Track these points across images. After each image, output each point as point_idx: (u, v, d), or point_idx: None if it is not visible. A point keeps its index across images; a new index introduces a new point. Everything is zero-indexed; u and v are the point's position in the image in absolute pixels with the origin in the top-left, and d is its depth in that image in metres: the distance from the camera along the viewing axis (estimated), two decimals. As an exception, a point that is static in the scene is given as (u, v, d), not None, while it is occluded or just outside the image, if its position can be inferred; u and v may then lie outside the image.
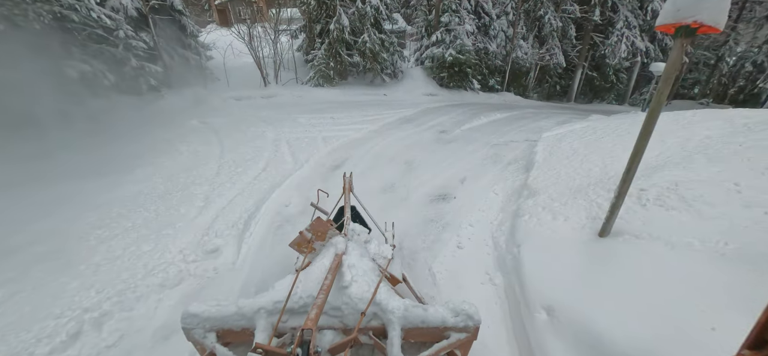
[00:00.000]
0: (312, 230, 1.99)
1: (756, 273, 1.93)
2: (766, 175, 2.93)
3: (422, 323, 1.53)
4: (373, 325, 1.57)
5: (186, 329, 1.53)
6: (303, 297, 1.58)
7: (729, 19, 20.10)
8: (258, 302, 1.56)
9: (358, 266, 1.79)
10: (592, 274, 2.29)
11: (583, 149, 4.77)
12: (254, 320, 1.53)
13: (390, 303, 1.55)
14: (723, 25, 1.69)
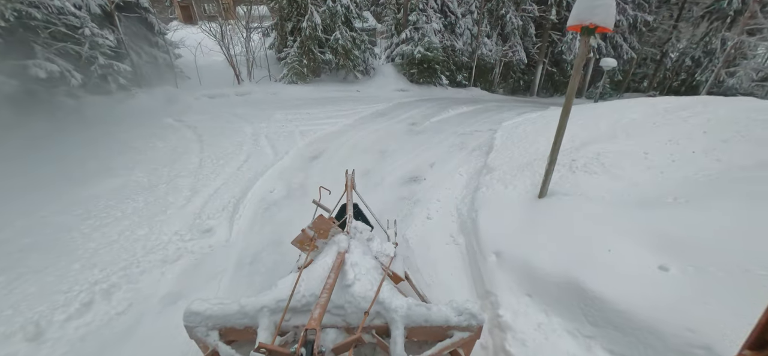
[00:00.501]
0: (314, 227, 1.99)
1: (645, 212, 2.58)
2: (667, 145, 3.69)
3: (425, 322, 1.53)
4: (376, 324, 1.56)
5: (188, 327, 1.53)
6: (306, 296, 1.58)
7: (671, 19, 22.27)
8: (261, 300, 1.56)
9: (361, 264, 1.78)
10: (529, 224, 2.88)
11: (534, 133, 5.46)
12: (257, 318, 1.53)
13: (393, 302, 1.55)
14: (612, 25, 2.29)
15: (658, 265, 2.09)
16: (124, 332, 2.47)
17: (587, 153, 3.73)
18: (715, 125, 4.03)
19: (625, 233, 2.39)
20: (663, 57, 23.26)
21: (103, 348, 2.35)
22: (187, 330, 1.54)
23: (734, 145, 3.47)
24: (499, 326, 2.24)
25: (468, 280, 2.85)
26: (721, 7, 19.94)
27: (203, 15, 27.94)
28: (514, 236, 2.84)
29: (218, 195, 4.39)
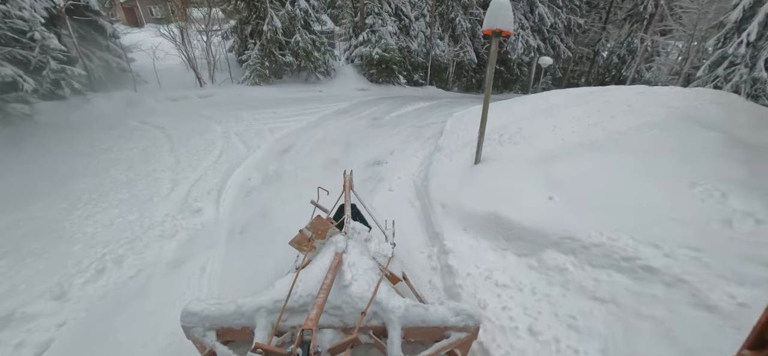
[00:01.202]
0: (312, 228, 2.00)
1: (545, 166, 3.52)
2: (571, 121, 4.77)
3: (423, 322, 1.53)
4: (373, 324, 1.57)
5: (185, 327, 1.54)
6: (303, 296, 1.59)
7: (600, 21, 25.17)
8: (258, 301, 1.57)
9: (359, 264, 1.79)
10: (466, 183, 3.74)
11: (475, 121, 6.43)
12: (254, 318, 1.53)
13: (390, 302, 1.56)
14: (511, 29, 3.18)
15: (547, 197, 3.01)
16: (137, 290, 2.93)
17: (512, 130, 4.72)
18: (608, 106, 5.21)
19: (529, 180, 3.31)
20: (595, 55, 26.23)
21: (121, 304, 2.80)
22: (184, 331, 1.54)
23: (617, 118, 4.60)
24: (444, 251, 3.04)
25: (421, 229, 3.64)
26: (638, 10, 23.01)
27: (150, 17, 26.67)
28: (455, 192, 3.69)
29: (200, 184, 4.81)
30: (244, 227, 3.84)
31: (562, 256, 2.49)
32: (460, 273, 2.74)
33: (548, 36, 23.43)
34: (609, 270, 2.26)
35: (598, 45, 25.76)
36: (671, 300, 1.95)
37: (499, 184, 3.44)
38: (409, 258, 3.12)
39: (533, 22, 21.40)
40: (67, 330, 2.54)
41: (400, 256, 2.50)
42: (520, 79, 23.97)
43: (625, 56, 25.70)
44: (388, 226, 2.98)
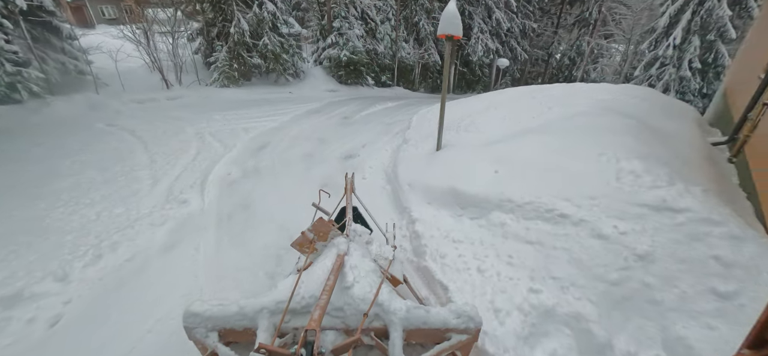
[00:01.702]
0: (314, 230, 2.03)
1: (493, 147, 4.20)
2: (518, 112, 5.54)
3: (424, 324, 1.55)
4: (374, 326, 1.58)
5: (188, 328, 1.54)
6: (305, 297, 1.60)
7: (552, 26, 27.26)
8: (260, 302, 1.59)
9: (361, 266, 1.80)
10: (429, 166, 4.35)
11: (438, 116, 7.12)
12: (256, 320, 1.55)
13: (392, 304, 1.58)
14: (460, 34, 3.81)
15: (494, 171, 3.66)
16: (135, 270, 3.21)
17: (467, 121, 5.42)
18: (548, 100, 6.06)
19: (480, 159, 3.97)
20: (549, 57, 28.36)
21: (122, 283, 3.07)
22: (186, 331, 1.55)
23: (554, 109, 5.43)
24: (411, 220, 3.59)
25: (392, 205, 4.19)
26: (585, 16, 25.26)
27: (101, 18, 25.27)
28: (420, 174, 4.27)
29: (181, 179, 5.04)
30: (231, 214, 4.18)
31: (504, 214, 3.13)
32: (424, 235, 3.31)
33: (506, 39, 25.03)
34: (536, 220, 2.92)
35: (552, 48, 27.92)
36: (577, 235, 2.63)
37: (455, 164, 4.07)
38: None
39: (491, 26, 22.82)
40: (74, 306, 2.79)
41: (399, 256, 2.50)
42: (482, 79, 25.41)
43: (575, 58, 28.05)
44: (389, 229, 3.03)
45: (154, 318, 2.70)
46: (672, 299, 2.17)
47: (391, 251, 2.17)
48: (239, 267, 3.31)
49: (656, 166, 2.99)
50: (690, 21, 17.53)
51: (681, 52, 18.31)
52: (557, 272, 2.48)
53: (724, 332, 1.98)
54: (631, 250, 2.39)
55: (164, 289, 2.98)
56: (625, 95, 5.93)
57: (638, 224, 2.53)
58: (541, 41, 27.88)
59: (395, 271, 2.14)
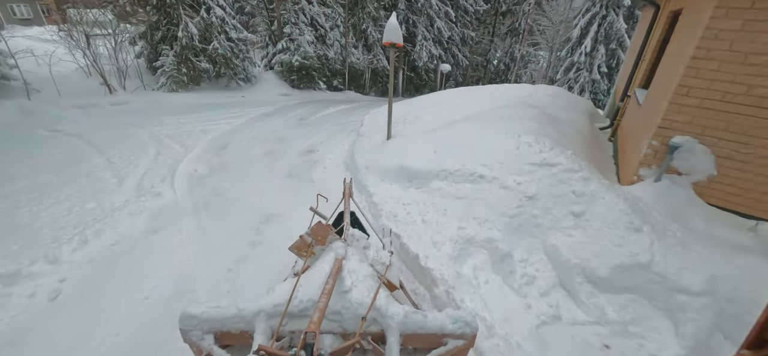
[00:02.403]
0: (313, 234, 2.05)
1: (433, 134, 5.14)
2: (454, 107, 6.60)
3: (421, 329, 1.56)
4: (372, 330, 1.60)
5: (183, 330, 1.53)
6: (303, 301, 1.61)
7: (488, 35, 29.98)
8: (258, 304, 1.59)
9: (358, 271, 1.82)
10: (382, 152, 5.17)
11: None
12: (254, 323, 1.55)
13: (389, 309, 1.59)
14: (401, 42, 4.69)
15: (433, 151, 4.59)
16: (123, 252, 3.55)
17: (413, 116, 6.38)
18: (479, 97, 7.26)
19: (422, 143, 4.88)
20: (488, 63, 31.13)
21: (112, 262, 3.41)
22: (181, 334, 1.54)
23: (482, 104, 6.59)
24: (369, 194, 4.37)
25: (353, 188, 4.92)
26: (515, 26, 28.25)
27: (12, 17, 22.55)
28: (374, 158, 5.08)
29: (148, 177, 5.25)
30: (206, 202, 4.59)
31: (440, 181, 4.05)
32: (380, 203, 4.10)
33: (448, 46, 27.06)
34: (463, 182, 3.87)
35: (489, 54, 30.72)
36: (490, 188, 3.62)
37: (403, 149, 4.94)
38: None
39: (434, 34, 24.61)
40: (70, 283, 3.10)
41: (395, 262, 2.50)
42: (429, 83, 27.15)
43: (509, 64, 31.17)
44: (386, 235, 3.08)
45: (149, 287, 3.12)
46: (548, 221, 3.21)
47: (387, 257, 2.19)
48: (222, 239, 3.80)
49: (544, 139, 4.12)
50: (597, 32, 20.71)
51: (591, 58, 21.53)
52: (476, 214, 3.43)
53: (578, 237, 3.04)
54: (524, 194, 3.41)
55: (155, 263, 3.39)
56: (538, 93, 7.34)
57: (529, 176, 3.58)
58: (480, 48, 30.55)
59: (392, 277, 2.15)
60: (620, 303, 2.63)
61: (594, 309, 2.63)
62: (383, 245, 2.77)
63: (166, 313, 2.84)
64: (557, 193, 3.35)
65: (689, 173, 3.31)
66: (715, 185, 3.27)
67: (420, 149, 4.78)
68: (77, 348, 2.50)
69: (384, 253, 2.23)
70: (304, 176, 5.58)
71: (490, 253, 3.10)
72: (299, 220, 4.20)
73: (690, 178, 3.34)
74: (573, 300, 2.74)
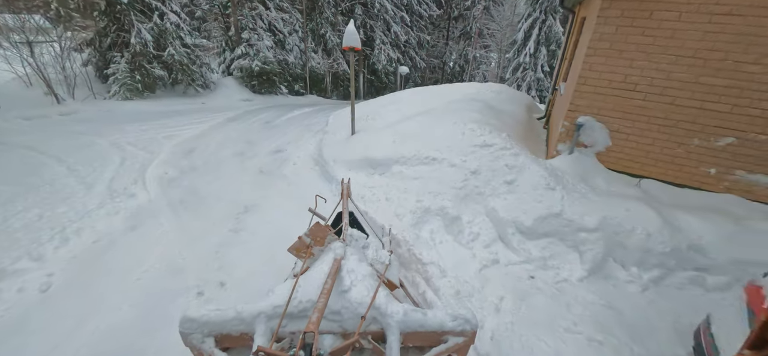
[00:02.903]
0: (311, 235, 2.06)
1: (393, 127, 5.76)
2: (409, 105, 7.29)
3: (421, 327, 1.57)
4: (372, 330, 1.60)
5: (183, 334, 1.54)
6: (302, 301, 1.62)
7: (443, 38, 31.51)
8: (258, 306, 1.60)
9: (357, 271, 1.83)
10: (347, 145, 5.71)
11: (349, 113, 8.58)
12: (253, 325, 1.56)
13: (389, 308, 1.60)
14: (359, 46, 5.26)
15: (392, 141, 5.20)
16: (106, 246, 3.74)
17: (374, 114, 6.98)
18: (432, 95, 8.03)
19: (383, 136, 5.48)
20: (444, 65, 32.70)
21: (98, 256, 3.60)
22: (182, 337, 1.55)
23: (434, 100, 7.34)
24: (338, 183, 4.86)
25: (321, 178, 5.40)
26: (467, 30, 30.03)
27: None
28: (340, 152, 5.60)
29: (118, 180, 5.31)
30: (182, 200, 4.81)
31: (400, 166, 4.66)
32: (349, 189, 4.61)
33: (405, 50, 28.11)
34: (419, 165, 4.52)
35: (445, 56, 32.32)
36: (441, 168, 4.29)
37: (366, 141, 5.50)
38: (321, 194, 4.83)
39: (391, 38, 25.52)
40: (59, 276, 3.26)
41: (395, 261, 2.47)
42: (389, 86, 28.01)
43: (463, 65, 32.97)
44: (385, 234, 3.10)
45: (141, 269, 3.38)
46: (488, 190, 3.94)
47: (387, 256, 2.19)
48: (204, 228, 4.11)
49: (484, 126, 4.90)
50: (538, 35, 22.71)
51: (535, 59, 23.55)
52: (431, 189, 4.08)
53: (510, 200, 3.78)
54: (468, 169, 4.12)
55: (141, 252, 3.63)
56: (484, 90, 8.27)
57: (472, 156, 4.30)
58: (436, 51, 32.04)
59: (391, 276, 2.16)
60: (541, 245, 3.39)
61: (523, 251, 3.37)
62: (382, 245, 2.79)
63: (161, 287, 3.17)
64: (494, 167, 4.10)
65: (592, 146, 4.22)
66: (611, 153, 4.19)
67: (381, 141, 5.38)
68: (81, 326, 2.74)
69: (383, 252, 2.23)
70: (276, 172, 5.94)
71: (443, 219, 3.75)
72: (276, 210, 4.62)
73: (593, 149, 4.24)
74: (507, 247, 3.46)
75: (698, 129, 3.67)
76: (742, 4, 3.17)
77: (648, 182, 4.05)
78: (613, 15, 3.59)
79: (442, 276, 3.08)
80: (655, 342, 2.53)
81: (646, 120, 3.83)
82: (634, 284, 3.03)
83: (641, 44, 3.58)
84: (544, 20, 21.90)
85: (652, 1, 3.43)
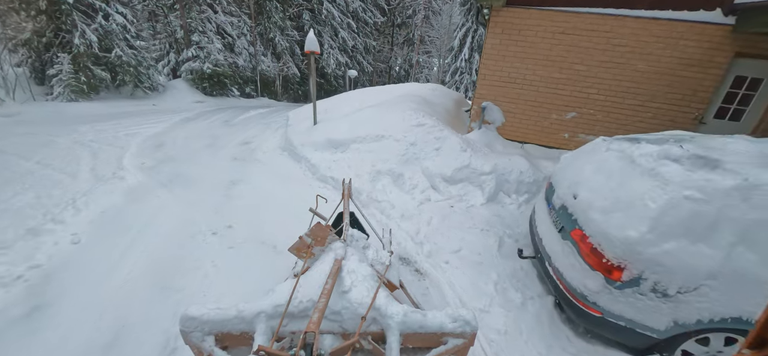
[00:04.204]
0: (312, 235, 2.06)
1: (348, 117, 7.05)
2: (359, 101, 8.63)
3: (421, 328, 1.57)
4: (372, 330, 1.62)
5: (184, 332, 1.55)
6: (303, 301, 1.63)
7: (388, 44, 33.37)
8: (258, 305, 1.61)
9: (358, 271, 1.85)
10: (311, 132, 6.87)
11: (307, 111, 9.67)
12: (254, 324, 1.57)
13: (389, 309, 1.61)
14: (317, 49, 6.46)
15: (349, 127, 6.47)
16: (115, 214, 4.47)
17: (331, 108, 8.22)
18: (379, 92, 9.46)
19: (340, 123, 6.74)
20: (390, 69, 34.64)
21: (111, 220, 4.33)
22: (182, 335, 1.56)
23: (381, 96, 8.76)
24: (309, 161, 6.01)
25: (291, 160, 6.49)
26: (409, 37, 32.30)
27: None
28: (306, 138, 6.75)
29: (99, 169, 5.83)
30: (171, 180, 5.57)
31: (357, 144, 5.97)
32: (318, 165, 5.82)
33: (353, 54, 29.46)
34: (371, 142, 5.86)
35: (391, 61, 34.31)
36: (388, 143, 5.69)
37: (327, 128, 6.73)
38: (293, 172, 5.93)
39: (339, 43, 26.71)
40: (83, 235, 3.98)
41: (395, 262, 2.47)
42: (339, 89, 29.10)
43: (408, 69, 35.26)
44: (385, 235, 3.15)
45: (157, 224, 4.22)
46: (422, 155, 5.41)
47: (387, 257, 2.20)
48: (199, 197, 4.99)
49: (420, 113, 6.43)
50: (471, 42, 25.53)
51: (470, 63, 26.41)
52: (381, 157, 5.46)
53: (438, 160, 5.29)
54: (408, 142, 5.58)
55: (150, 215, 4.44)
56: (422, 88, 9.92)
57: (411, 132, 5.78)
58: (382, 56, 33.88)
59: (392, 277, 2.18)
60: (458, 187, 4.94)
61: (446, 192, 4.88)
62: (383, 245, 2.80)
63: (178, 231, 4.06)
64: (426, 139, 5.60)
65: (493, 122, 5.95)
66: (506, 127, 5.96)
67: (339, 127, 6.64)
68: (117, 267, 3.55)
69: (384, 253, 2.25)
70: (249, 158, 6.86)
71: (391, 176, 5.14)
72: (259, 181, 5.64)
73: (494, 125, 5.98)
74: (436, 190, 4.96)
75: (554, 108, 5.56)
76: (569, 26, 5.07)
77: (529, 146, 5.88)
78: (498, 32, 5.31)
79: (392, 209, 4.46)
80: (518, 228, 4.18)
81: (523, 103, 5.64)
82: (513, 204, 4.70)
83: (516, 51, 5.35)
84: (476, 30, 24.78)
85: (520, 24, 5.21)
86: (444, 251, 3.76)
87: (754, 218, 1.96)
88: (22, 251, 3.53)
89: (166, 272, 3.42)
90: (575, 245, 2.52)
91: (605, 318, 2.36)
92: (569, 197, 2.79)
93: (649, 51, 5.16)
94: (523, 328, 2.74)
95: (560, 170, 3.27)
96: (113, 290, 3.16)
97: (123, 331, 2.73)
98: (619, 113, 5.47)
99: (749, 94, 5.37)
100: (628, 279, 2.18)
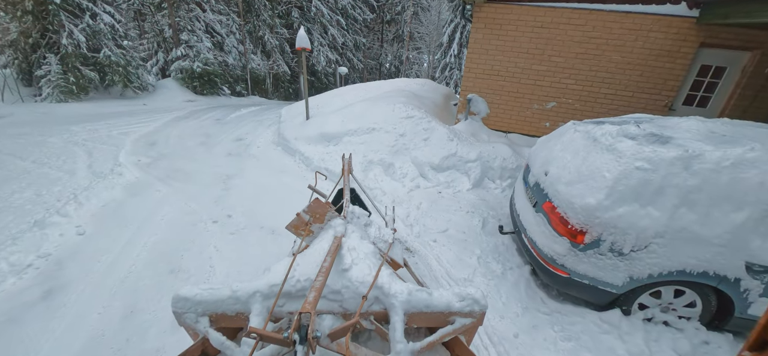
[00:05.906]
0: (310, 212, 2.00)
1: (341, 112, 7.28)
2: (352, 95, 8.86)
3: (426, 308, 1.50)
4: (374, 310, 1.55)
5: (177, 313, 1.51)
6: (300, 281, 1.57)
7: (378, 41, 33.52)
8: (253, 285, 1.55)
9: (359, 249, 1.78)
10: (304, 127, 7.08)
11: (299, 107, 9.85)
12: (249, 304, 1.52)
13: (392, 287, 1.54)
14: (308, 46, 6.67)
15: (341, 120, 6.70)
16: (117, 207, 4.64)
17: (323, 103, 8.42)
18: (370, 87, 9.70)
19: (333, 118, 6.97)
20: (380, 66, 34.81)
21: (113, 213, 4.50)
22: (175, 317, 1.52)
23: (371, 91, 9.00)
24: (302, 154, 6.23)
25: (285, 154, 6.69)
26: (399, 34, 32.51)
27: None
28: (299, 132, 6.96)
29: (95, 167, 5.95)
30: (168, 175, 5.74)
31: (349, 136, 6.21)
32: (311, 157, 6.04)
33: (343, 51, 29.55)
34: (363, 135, 6.11)
35: (381, 58, 34.50)
36: (380, 135, 5.94)
37: (320, 123, 6.94)
38: (287, 165, 6.14)
39: (328, 40, 26.79)
40: (87, 226, 4.16)
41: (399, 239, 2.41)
42: (329, 86, 29.22)
43: (399, 66, 35.50)
44: (388, 212, 3.05)
45: (158, 217, 4.41)
46: (412, 145, 5.69)
47: (390, 234, 2.14)
48: (198, 190, 5.17)
49: (409, 106, 6.70)
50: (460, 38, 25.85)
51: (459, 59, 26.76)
52: (373, 149, 5.71)
53: (426, 150, 5.56)
54: (398, 133, 5.84)
55: (151, 208, 4.62)
56: (411, 83, 10.19)
57: (400, 124, 6.04)
58: (372, 53, 34.05)
59: (395, 255, 2.11)
60: (446, 174, 5.23)
61: (434, 179, 5.16)
62: (386, 223, 2.72)
63: (180, 221, 4.26)
64: (415, 131, 5.88)
65: (478, 113, 6.25)
66: (491, 118, 6.26)
67: (332, 121, 6.87)
68: (124, 254, 3.75)
69: (387, 230, 2.18)
70: (244, 154, 7.05)
71: (382, 166, 5.40)
72: (255, 175, 5.85)
73: (480, 116, 6.28)
74: (425, 178, 5.24)
75: (535, 99, 5.88)
76: (547, 20, 5.39)
77: (513, 135, 6.20)
78: (481, 26, 5.60)
79: (383, 195, 4.72)
80: (501, 210, 4.49)
81: (506, 95, 5.96)
82: (498, 188, 5.02)
83: (498, 45, 5.65)
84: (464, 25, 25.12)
85: (501, 19, 5.51)
86: (432, 231, 4.04)
87: (693, 184, 2.28)
88: (31, 242, 3.69)
89: (171, 256, 3.63)
90: (546, 216, 2.82)
91: (572, 278, 2.67)
92: (542, 175, 3.10)
93: (622, 43, 5.52)
94: (502, 292, 3.04)
95: (535, 151, 3.58)
96: (123, 274, 3.36)
97: (136, 309, 2.94)
98: (595, 102, 5.83)
99: (714, 81, 5.77)
100: (589, 241, 2.49)
